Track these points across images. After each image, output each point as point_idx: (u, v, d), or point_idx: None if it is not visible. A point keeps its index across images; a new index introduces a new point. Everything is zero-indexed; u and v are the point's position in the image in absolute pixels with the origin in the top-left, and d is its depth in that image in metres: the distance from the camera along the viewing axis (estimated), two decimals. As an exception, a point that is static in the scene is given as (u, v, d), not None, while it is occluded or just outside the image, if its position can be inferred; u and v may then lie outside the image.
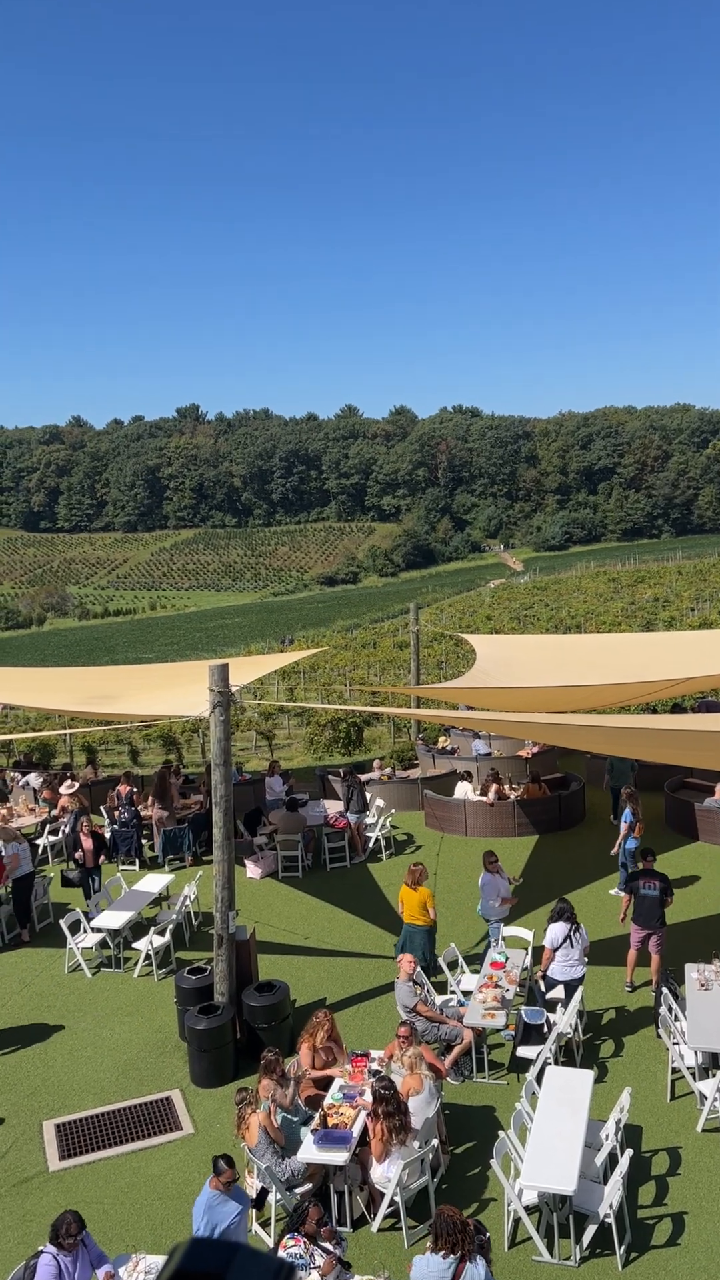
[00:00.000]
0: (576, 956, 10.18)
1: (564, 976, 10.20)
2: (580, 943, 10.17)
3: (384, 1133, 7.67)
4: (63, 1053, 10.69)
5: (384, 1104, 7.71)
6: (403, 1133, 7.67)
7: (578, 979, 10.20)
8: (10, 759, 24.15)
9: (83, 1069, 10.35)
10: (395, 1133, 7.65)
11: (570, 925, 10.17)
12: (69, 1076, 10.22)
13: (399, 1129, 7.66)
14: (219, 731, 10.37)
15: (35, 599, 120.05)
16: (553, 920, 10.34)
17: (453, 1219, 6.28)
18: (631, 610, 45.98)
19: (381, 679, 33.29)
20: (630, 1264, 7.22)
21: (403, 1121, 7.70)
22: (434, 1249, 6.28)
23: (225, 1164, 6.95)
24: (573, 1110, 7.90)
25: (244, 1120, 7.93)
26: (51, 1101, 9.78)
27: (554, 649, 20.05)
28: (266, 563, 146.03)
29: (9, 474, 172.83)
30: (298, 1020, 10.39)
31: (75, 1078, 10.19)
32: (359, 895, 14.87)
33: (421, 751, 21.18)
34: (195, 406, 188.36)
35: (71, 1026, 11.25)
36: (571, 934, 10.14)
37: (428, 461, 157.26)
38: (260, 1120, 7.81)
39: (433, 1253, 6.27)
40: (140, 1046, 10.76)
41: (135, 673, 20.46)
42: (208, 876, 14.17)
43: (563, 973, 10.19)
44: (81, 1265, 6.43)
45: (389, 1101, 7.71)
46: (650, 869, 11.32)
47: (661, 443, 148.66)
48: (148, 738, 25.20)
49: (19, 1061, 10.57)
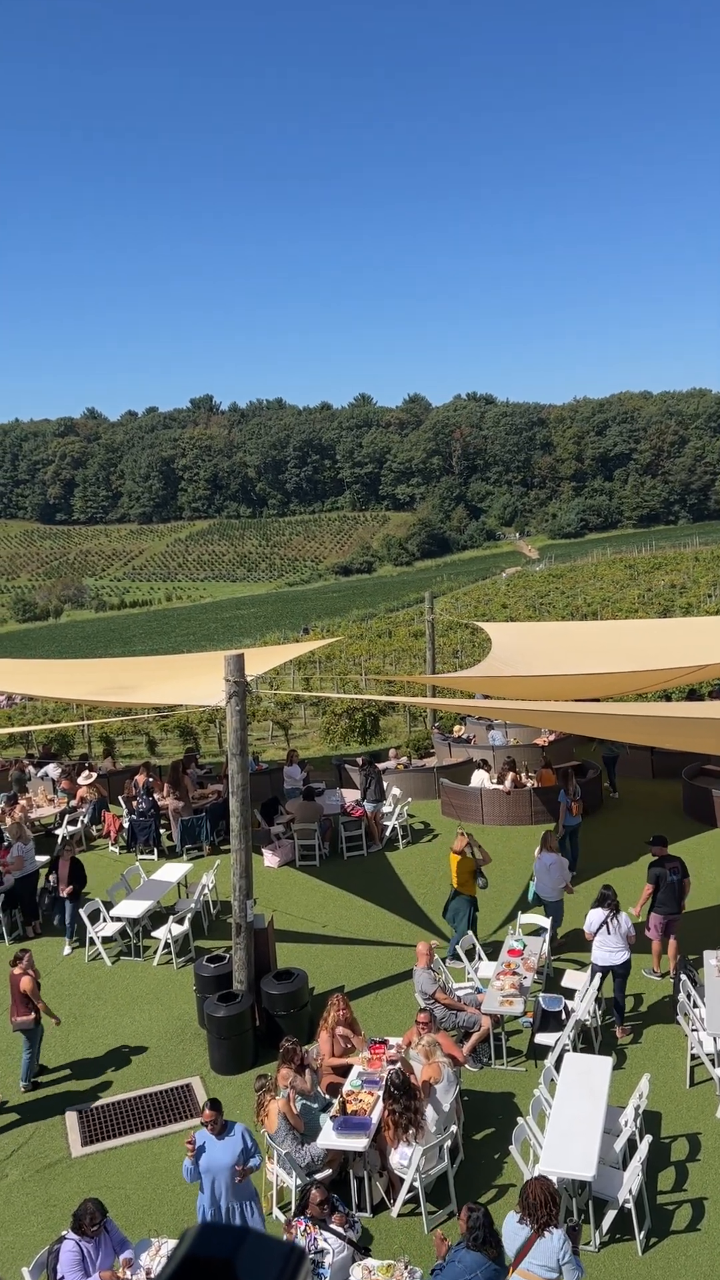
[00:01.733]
0: (616, 943, 10.18)
1: (603, 962, 10.26)
2: (619, 929, 10.18)
3: (392, 1125, 7.70)
4: (84, 1040, 10.78)
5: (392, 1100, 7.74)
6: (412, 1127, 7.67)
7: (617, 964, 10.21)
8: (29, 750, 24.30)
9: (103, 1056, 10.44)
10: (401, 1128, 7.67)
11: (608, 912, 10.21)
12: (90, 1064, 10.31)
13: (407, 1124, 7.66)
14: (235, 721, 10.39)
15: (52, 591, 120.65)
16: (593, 906, 10.45)
17: (541, 1193, 6.25)
18: (648, 597, 45.74)
19: (397, 668, 33.28)
20: (650, 1249, 7.23)
21: (411, 1116, 7.70)
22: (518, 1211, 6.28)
23: (209, 1106, 7.28)
24: (592, 1096, 7.90)
25: (263, 1107, 7.98)
26: (73, 1088, 9.87)
27: (570, 637, 19.99)
28: (281, 553, 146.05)
29: (25, 467, 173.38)
30: (316, 1008, 10.44)
31: (96, 1065, 10.28)
32: (376, 883, 14.90)
33: (437, 740, 21.18)
34: (209, 397, 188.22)
35: (92, 1014, 11.35)
36: (609, 920, 10.17)
37: (442, 449, 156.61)
38: (280, 1107, 7.86)
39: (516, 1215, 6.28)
40: (160, 1034, 10.84)
41: (152, 663, 20.55)
42: (225, 865, 14.23)
43: (603, 958, 10.25)
44: (104, 1251, 6.49)
45: (397, 1099, 7.73)
46: (668, 854, 11.29)
47: (678, 428, 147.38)
48: (165, 728, 25.31)
49: (41, 1049, 10.65)
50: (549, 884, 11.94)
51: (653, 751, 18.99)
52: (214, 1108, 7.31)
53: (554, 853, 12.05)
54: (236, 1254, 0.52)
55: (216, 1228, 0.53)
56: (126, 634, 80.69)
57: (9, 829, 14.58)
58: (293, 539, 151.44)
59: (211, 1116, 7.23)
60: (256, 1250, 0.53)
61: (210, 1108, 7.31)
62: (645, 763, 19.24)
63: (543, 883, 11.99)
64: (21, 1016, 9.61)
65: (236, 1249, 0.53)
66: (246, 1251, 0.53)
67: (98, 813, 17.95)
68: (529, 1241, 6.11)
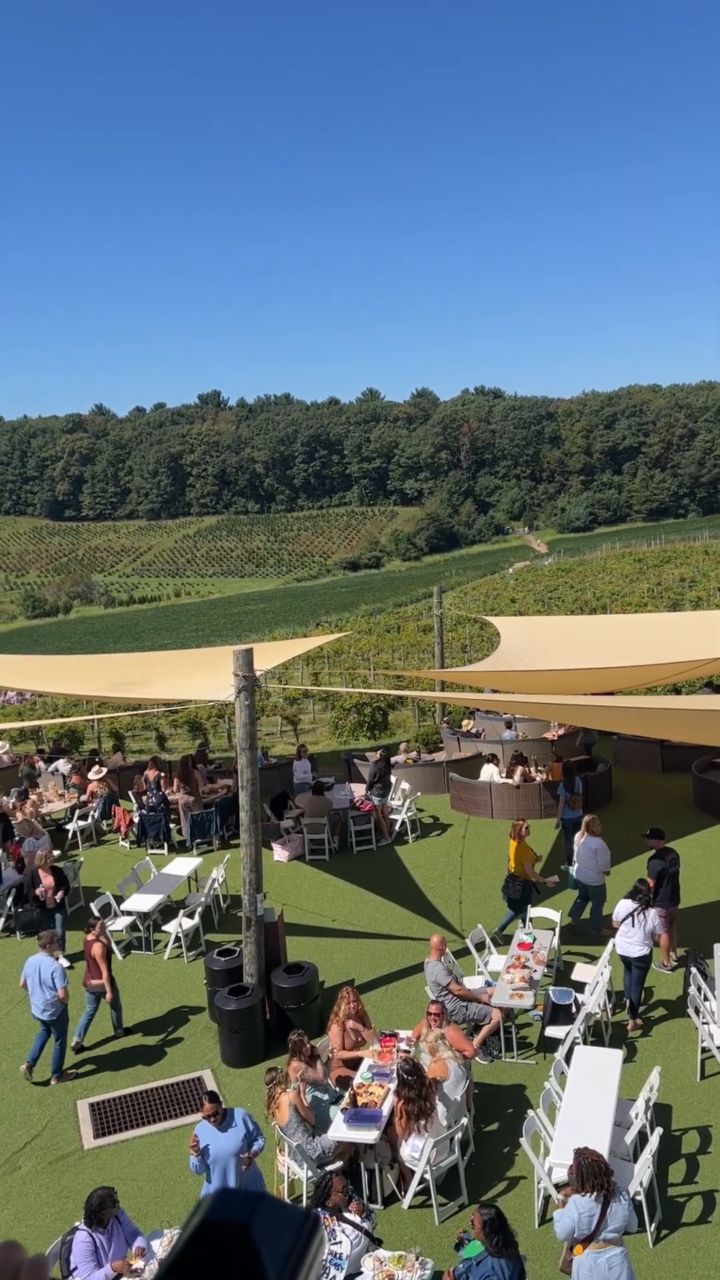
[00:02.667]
0: (639, 937, 10.25)
1: (622, 951, 10.36)
2: (644, 924, 10.26)
3: (403, 1115, 7.72)
4: (95, 1033, 10.82)
5: (406, 1088, 7.75)
6: (423, 1116, 7.69)
7: (634, 957, 10.28)
8: (39, 745, 24.40)
9: (115, 1049, 10.49)
10: (413, 1117, 7.69)
11: (636, 905, 10.31)
12: (102, 1057, 10.37)
13: (418, 1114, 7.68)
14: (244, 716, 10.42)
15: (61, 587, 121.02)
16: (625, 896, 10.60)
17: (597, 1162, 6.38)
18: (658, 591, 45.58)
19: (405, 663, 33.28)
20: (661, 1241, 7.23)
21: (422, 1107, 7.72)
22: (580, 1191, 6.35)
23: (208, 1099, 7.39)
24: (602, 1089, 7.90)
25: (274, 1099, 8.01)
26: (85, 1081, 9.94)
27: (579, 631, 19.97)
28: (289, 548, 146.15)
29: (34, 463, 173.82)
30: (326, 1001, 10.47)
31: (108, 1058, 10.34)
32: (386, 878, 14.92)
33: (446, 735, 21.18)
34: (217, 393, 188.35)
35: (103, 1008, 11.39)
36: (635, 914, 10.25)
37: (450, 444, 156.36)
38: (290, 1099, 7.89)
39: (578, 1194, 6.35)
40: (171, 1027, 10.89)
41: (161, 659, 20.60)
42: (235, 860, 14.25)
43: (623, 947, 10.35)
44: (116, 1241, 6.53)
45: (410, 1087, 7.75)
46: (667, 847, 11.50)
47: (687, 421, 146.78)
48: (174, 723, 25.38)
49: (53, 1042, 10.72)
50: (591, 868, 12.16)
51: (662, 745, 18.97)
52: (212, 1100, 7.41)
53: (598, 837, 12.26)
54: (253, 1219, 0.53)
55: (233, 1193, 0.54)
56: (135, 630, 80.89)
57: (19, 825, 14.65)
58: (301, 534, 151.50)
59: (211, 1109, 7.32)
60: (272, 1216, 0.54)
61: (209, 1100, 7.41)
62: (655, 756, 19.22)
63: (584, 866, 12.22)
64: (95, 980, 10.47)
65: (253, 1214, 0.54)
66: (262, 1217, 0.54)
67: (108, 808, 18.02)
68: (602, 1213, 6.27)
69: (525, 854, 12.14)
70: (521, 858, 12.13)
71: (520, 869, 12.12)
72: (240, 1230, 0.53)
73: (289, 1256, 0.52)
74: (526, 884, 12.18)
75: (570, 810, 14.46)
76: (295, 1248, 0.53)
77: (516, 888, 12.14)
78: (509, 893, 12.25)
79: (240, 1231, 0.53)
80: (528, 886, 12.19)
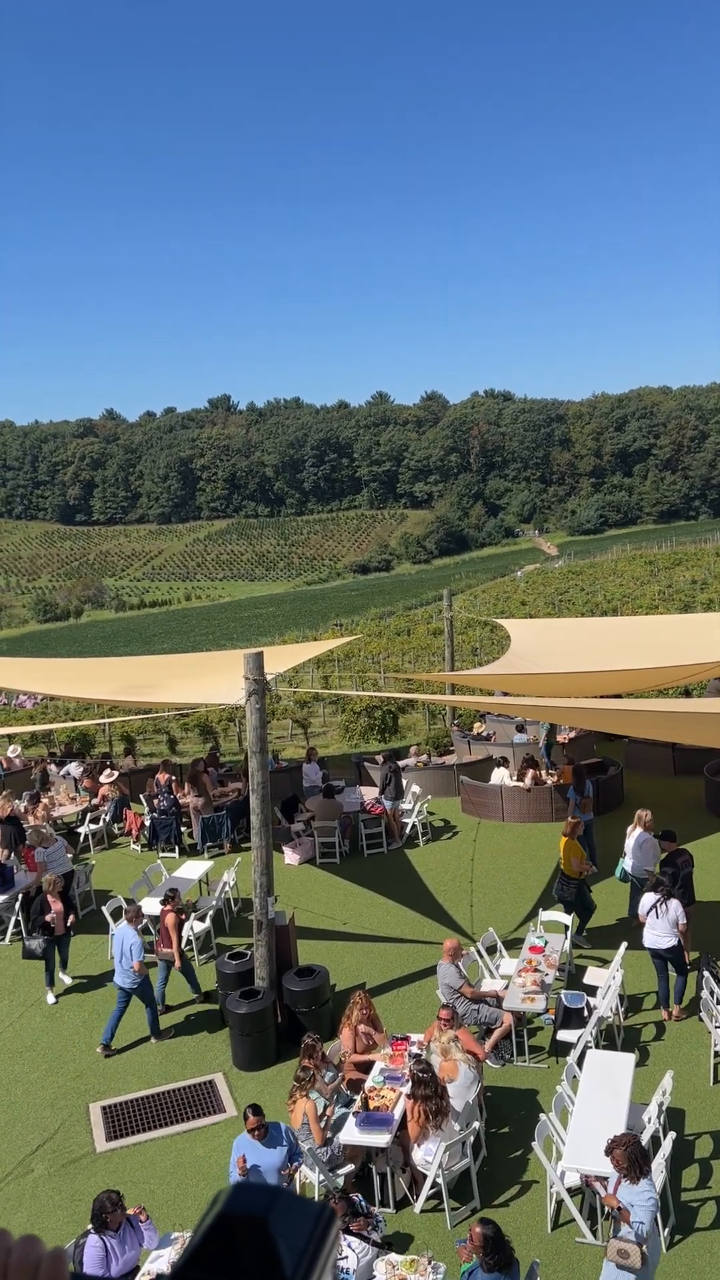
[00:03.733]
0: (664, 927, 10.33)
1: (650, 944, 10.45)
2: (666, 915, 10.32)
3: (421, 1115, 7.71)
4: (124, 1037, 10.84)
5: (421, 1086, 7.75)
6: (439, 1116, 7.70)
7: (662, 949, 10.35)
8: (51, 749, 24.49)
9: (127, 1052, 10.52)
10: (432, 1116, 7.68)
11: (658, 897, 10.39)
12: (114, 1060, 10.39)
13: (435, 1112, 7.69)
14: (255, 719, 10.43)
15: (72, 591, 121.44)
16: (646, 890, 10.70)
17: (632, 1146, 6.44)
18: (669, 593, 45.47)
19: (416, 666, 33.27)
20: (674, 1246, 7.20)
21: (439, 1105, 7.73)
22: (630, 1179, 6.37)
23: (251, 1112, 7.22)
24: (614, 1093, 7.88)
25: (294, 1100, 7.97)
26: (97, 1084, 9.96)
27: (590, 633, 19.92)
28: (299, 552, 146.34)
29: (45, 468, 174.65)
30: (338, 1004, 10.47)
31: (120, 1061, 10.36)
32: (397, 881, 14.92)
33: (457, 737, 21.16)
34: (226, 397, 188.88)
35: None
36: (657, 905, 10.34)
37: (460, 447, 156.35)
38: (306, 1110, 7.84)
39: (630, 1183, 6.37)
40: (182, 1030, 10.90)
41: (172, 662, 20.66)
42: (246, 863, 14.26)
43: (651, 941, 10.44)
44: (130, 1245, 6.54)
45: (426, 1084, 7.75)
46: (680, 849, 11.54)
47: (698, 423, 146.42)
48: (185, 726, 25.43)
49: (65, 1045, 10.76)
50: (641, 860, 12.22)
51: (674, 748, 18.90)
52: (256, 1113, 7.21)
53: (648, 830, 12.29)
54: (269, 1212, 0.54)
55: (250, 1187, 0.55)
56: (146, 634, 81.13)
57: (30, 834, 14.66)
58: (311, 538, 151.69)
59: (256, 1122, 7.14)
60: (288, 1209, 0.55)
61: (253, 1113, 7.20)
62: (667, 759, 19.15)
63: (638, 860, 12.28)
64: (165, 948, 11.12)
65: (270, 1207, 0.55)
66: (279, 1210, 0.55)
67: (119, 811, 18.07)
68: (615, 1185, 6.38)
69: (576, 851, 12.05)
70: (574, 855, 12.06)
71: (572, 867, 12.04)
72: (257, 1222, 0.54)
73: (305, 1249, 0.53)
74: (581, 883, 12.08)
75: (581, 814, 14.41)
76: (311, 1240, 0.54)
77: (571, 889, 12.04)
78: (563, 894, 12.12)
79: (257, 1224, 0.54)
80: (582, 886, 12.10)
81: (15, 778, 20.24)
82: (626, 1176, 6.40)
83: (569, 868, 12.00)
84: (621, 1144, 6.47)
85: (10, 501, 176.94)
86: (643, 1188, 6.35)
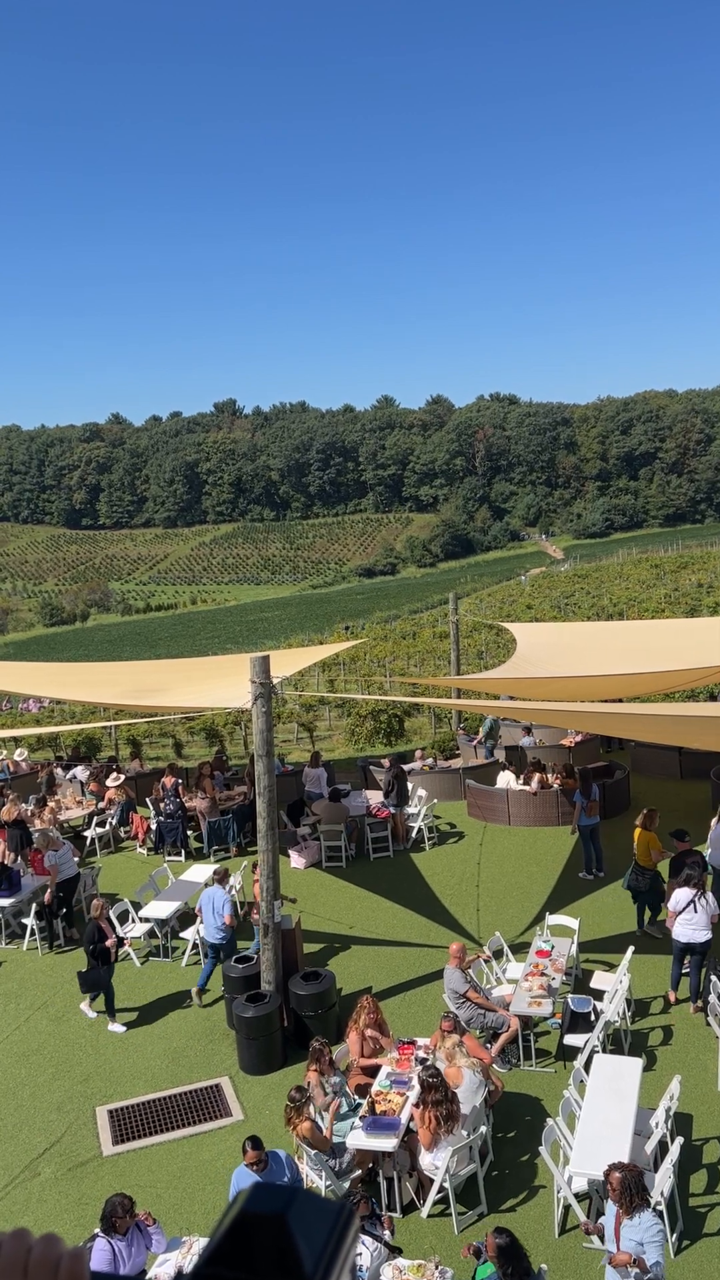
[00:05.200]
0: (701, 921, 10.43)
1: (685, 939, 10.52)
2: (706, 909, 10.44)
3: (432, 1121, 7.68)
4: (114, 1040, 10.87)
5: (432, 1092, 7.72)
6: (451, 1121, 7.68)
7: (699, 943, 10.44)
8: (57, 752, 24.53)
9: (133, 1056, 10.52)
10: (444, 1121, 7.66)
11: (695, 891, 10.48)
12: (120, 1063, 10.40)
13: (447, 1117, 7.67)
14: (261, 723, 10.44)
15: (79, 595, 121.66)
16: (679, 885, 10.73)
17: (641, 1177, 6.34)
18: (675, 596, 45.39)
19: (421, 670, 33.25)
20: (683, 1252, 7.18)
21: (450, 1110, 7.71)
22: (628, 1210, 6.22)
23: (250, 1145, 7.02)
24: (621, 1098, 7.86)
25: (290, 1123, 7.91)
26: (104, 1088, 9.96)
27: (596, 637, 19.90)
28: (305, 555, 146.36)
29: (51, 472, 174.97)
30: (344, 1008, 10.46)
31: (126, 1064, 10.36)
32: (403, 885, 14.90)
33: (463, 741, 21.15)
34: (232, 401, 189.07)
35: (122, 1015, 11.43)
36: (695, 899, 10.43)
37: (465, 450, 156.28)
38: (305, 1131, 7.76)
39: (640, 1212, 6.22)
40: (189, 1034, 10.91)
41: (178, 666, 20.68)
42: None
43: (686, 935, 10.50)
44: (137, 1249, 6.54)
45: (437, 1090, 7.73)
46: (690, 849, 11.65)
47: (704, 426, 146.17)
48: (191, 730, 25.45)
49: (72, 1049, 10.77)
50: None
51: (680, 752, 18.86)
52: (255, 1146, 6.96)
53: None
54: (289, 1211, 0.55)
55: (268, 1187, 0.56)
56: (152, 637, 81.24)
57: (37, 838, 14.66)
58: (316, 541, 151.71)
59: (255, 1156, 6.90)
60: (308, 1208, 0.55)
61: (252, 1146, 6.95)
62: (673, 762, 19.12)
63: (717, 852, 12.38)
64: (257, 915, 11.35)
65: (289, 1206, 0.55)
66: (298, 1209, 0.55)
67: (125, 814, 18.09)
68: (617, 1219, 6.24)
69: (654, 842, 12.09)
70: (652, 846, 12.08)
71: (648, 859, 12.04)
72: (277, 1221, 0.54)
73: (324, 1248, 0.53)
74: (655, 874, 12.11)
75: (587, 817, 14.40)
76: (330, 1239, 0.54)
77: (645, 879, 12.08)
78: (636, 885, 12.15)
79: (277, 1223, 0.54)
80: (656, 877, 12.12)
81: (22, 781, 20.27)
82: (619, 1204, 6.27)
83: (645, 859, 12.05)
84: (621, 1169, 6.39)
85: (17, 506, 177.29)
86: (649, 1222, 6.19)
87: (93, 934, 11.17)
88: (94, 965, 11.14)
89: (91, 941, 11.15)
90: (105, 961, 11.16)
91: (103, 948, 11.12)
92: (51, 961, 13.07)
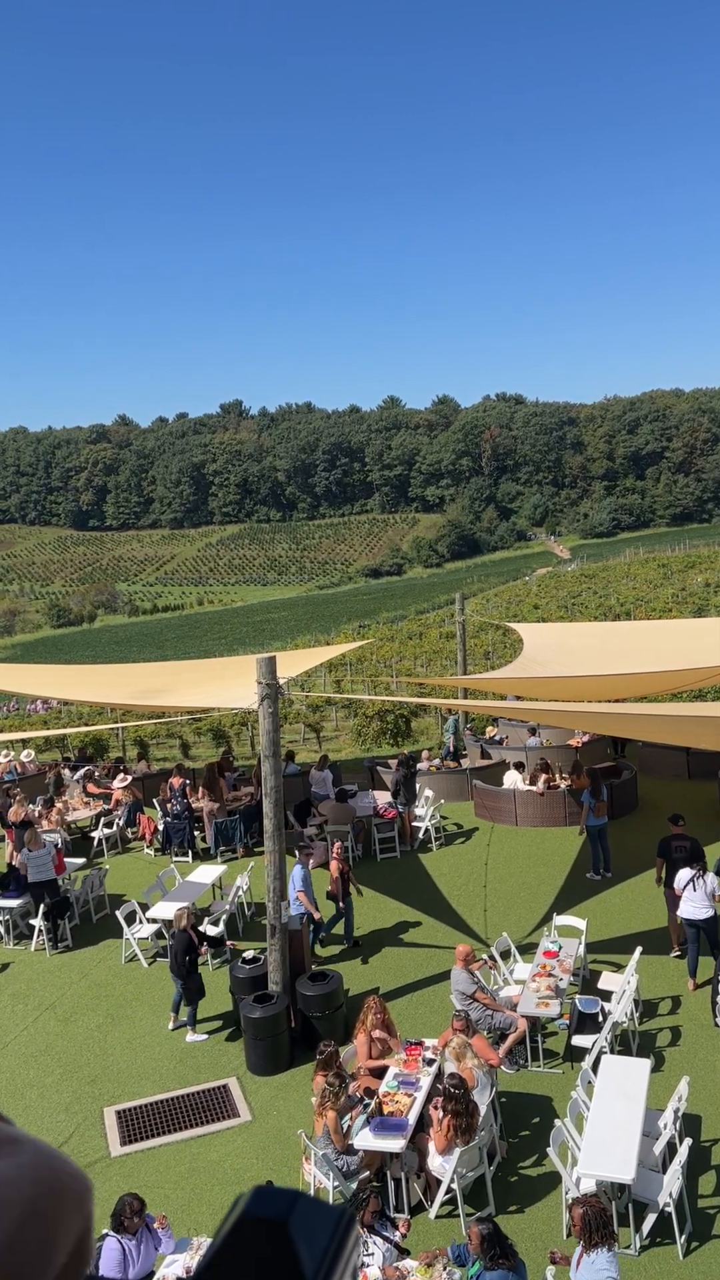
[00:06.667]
0: (701, 899, 10.76)
1: (688, 915, 10.90)
2: (704, 887, 10.78)
3: (450, 1129, 7.62)
4: (121, 1041, 10.88)
5: (454, 1102, 7.65)
6: (468, 1134, 7.60)
7: (700, 919, 10.78)
8: (64, 753, 24.58)
9: (141, 1057, 10.53)
10: (461, 1133, 7.59)
11: (695, 870, 10.86)
12: (128, 1064, 10.40)
13: (465, 1130, 7.58)
14: (268, 724, 10.44)
15: (86, 596, 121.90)
16: (682, 865, 11.11)
17: (603, 1212, 6.05)
18: (682, 596, 45.30)
19: (428, 670, 33.23)
20: (691, 1253, 7.15)
21: (469, 1124, 7.61)
22: (587, 1248, 5.93)
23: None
24: (630, 1099, 7.83)
25: (323, 1106, 7.89)
26: (111, 1088, 9.97)
27: (602, 637, 19.86)
28: (311, 556, 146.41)
29: (58, 474, 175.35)
30: (351, 1009, 10.45)
31: (134, 1065, 10.37)
32: (410, 885, 14.89)
33: (469, 741, 21.12)
34: (238, 402, 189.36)
35: (129, 1015, 11.45)
36: (695, 878, 10.79)
37: (471, 450, 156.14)
38: (329, 1123, 7.79)
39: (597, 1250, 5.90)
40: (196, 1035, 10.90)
41: (184, 667, 20.71)
42: (259, 867, 14.29)
43: (689, 912, 10.88)
44: (146, 1248, 6.54)
45: (459, 1100, 7.65)
46: (681, 834, 11.86)
47: (711, 425, 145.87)
48: (198, 731, 25.48)
49: (79, 1049, 10.79)
50: None
51: (688, 752, 18.81)
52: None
53: None
54: (290, 1215, 0.54)
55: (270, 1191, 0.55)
56: (159, 638, 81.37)
57: (28, 841, 14.53)
58: (322, 542, 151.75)
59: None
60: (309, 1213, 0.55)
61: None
62: (681, 763, 19.06)
63: None
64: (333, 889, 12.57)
65: (290, 1211, 0.55)
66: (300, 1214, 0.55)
67: (133, 815, 18.11)
68: (579, 1257, 6.03)
69: None
70: None
71: None
72: (278, 1226, 0.54)
73: (325, 1253, 0.53)
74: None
75: (594, 818, 14.36)
76: (332, 1244, 0.54)
77: None
78: None
79: (278, 1228, 0.54)
80: None
81: (29, 782, 20.31)
82: (580, 1239, 5.99)
83: None
84: (584, 1204, 6.07)
85: (24, 507, 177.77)
86: (602, 1264, 5.81)
87: (186, 944, 10.71)
88: (192, 976, 10.77)
89: (186, 952, 10.70)
90: (195, 970, 10.85)
91: (196, 957, 10.85)
92: (59, 962, 13.09)
